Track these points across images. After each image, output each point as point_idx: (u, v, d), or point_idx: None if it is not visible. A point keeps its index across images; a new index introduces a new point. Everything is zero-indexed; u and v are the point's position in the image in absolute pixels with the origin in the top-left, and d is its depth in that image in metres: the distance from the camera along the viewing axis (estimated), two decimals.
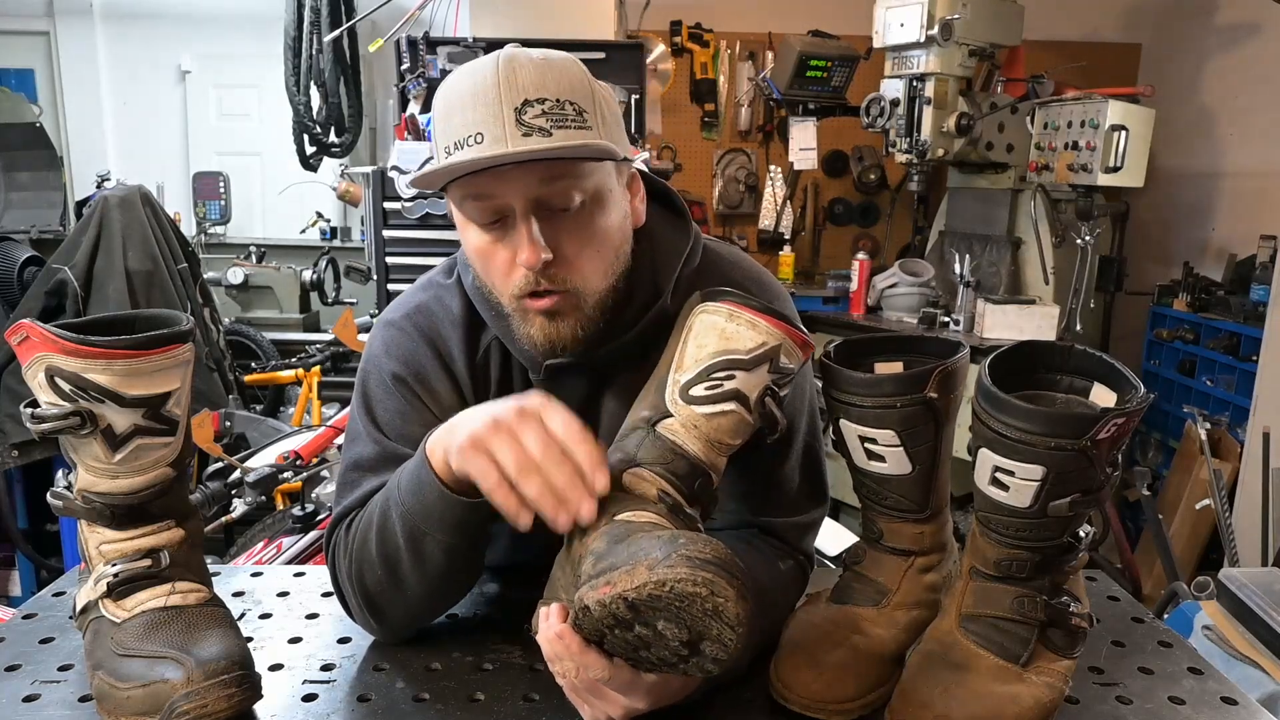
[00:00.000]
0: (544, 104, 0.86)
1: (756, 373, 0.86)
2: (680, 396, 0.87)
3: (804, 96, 3.86)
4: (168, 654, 0.84)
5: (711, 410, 0.86)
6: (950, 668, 0.86)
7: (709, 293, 0.91)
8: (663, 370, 0.90)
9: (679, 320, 0.92)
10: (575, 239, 0.92)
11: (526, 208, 0.89)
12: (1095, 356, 0.88)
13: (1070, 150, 3.25)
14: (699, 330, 0.89)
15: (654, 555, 0.72)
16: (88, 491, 0.89)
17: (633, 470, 0.85)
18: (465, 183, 0.90)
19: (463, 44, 3.32)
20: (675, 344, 0.91)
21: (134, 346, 0.85)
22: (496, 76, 0.86)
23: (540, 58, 0.88)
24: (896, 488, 0.95)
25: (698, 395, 0.86)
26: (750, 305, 0.88)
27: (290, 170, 4.49)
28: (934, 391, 0.89)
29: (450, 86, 0.90)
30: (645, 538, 0.76)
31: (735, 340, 0.87)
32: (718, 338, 0.87)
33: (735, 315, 0.88)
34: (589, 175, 0.91)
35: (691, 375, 0.87)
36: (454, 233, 1.00)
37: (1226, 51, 4.26)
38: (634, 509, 0.82)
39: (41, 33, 5.49)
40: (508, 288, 0.94)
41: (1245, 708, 0.92)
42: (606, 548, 0.78)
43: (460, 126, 0.87)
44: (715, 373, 0.86)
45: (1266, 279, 3.46)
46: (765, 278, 1.12)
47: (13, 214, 3.79)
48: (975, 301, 3.42)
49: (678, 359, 0.89)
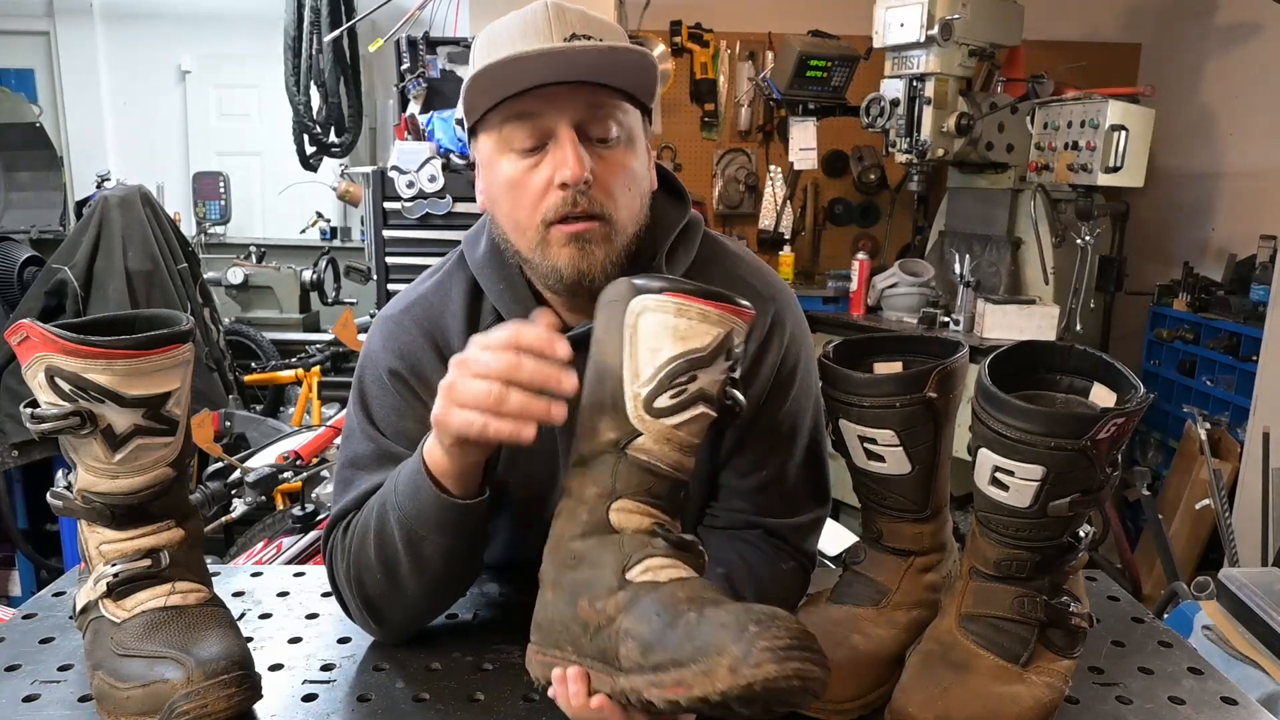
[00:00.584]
0: (588, 39, 0.90)
1: (716, 366, 0.81)
2: (646, 411, 0.80)
3: (804, 96, 3.86)
4: (168, 654, 0.84)
5: (681, 419, 0.80)
6: (950, 668, 0.86)
7: (640, 285, 0.81)
8: (610, 382, 0.81)
9: (607, 315, 0.83)
10: (611, 169, 0.94)
11: (570, 127, 0.91)
12: (1095, 356, 0.88)
13: (1070, 150, 3.24)
14: (648, 332, 0.80)
15: (731, 652, 0.67)
16: (88, 491, 0.89)
17: (618, 505, 0.80)
18: (511, 104, 0.91)
19: (463, 44, 3.32)
20: (618, 348, 0.81)
21: (134, 346, 0.85)
22: (547, 14, 0.91)
23: (589, 12, 0.93)
24: (896, 488, 0.95)
25: (664, 406, 0.79)
26: (695, 293, 0.80)
27: (290, 170, 4.49)
28: (933, 391, 0.89)
29: (493, 28, 0.94)
30: (702, 623, 0.70)
31: (691, 338, 0.80)
32: (671, 338, 0.79)
33: (684, 309, 0.79)
34: (627, 113, 0.95)
35: (653, 385, 0.79)
36: (453, 233, 1.01)
37: (1226, 51, 4.26)
38: (642, 558, 0.77)
39: (41, 33, 5.49)
40: (538, 214, 0.94)
41: (1245, 708, 0.92)
42: (652, 631, 0.71)
43: (506, 56, 0.89)
44: (677, 378, 0.79)
45: (1266, 279, 3.46)
46: (769, 272, 1.12)
47: (13, 214, 3.79)
48: (975, 301, 3.42)
49: (631, 368, 0.80)
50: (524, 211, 0.95)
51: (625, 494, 0.80)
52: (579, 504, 0.82)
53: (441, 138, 3.11)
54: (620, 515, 0.80)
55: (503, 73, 0.89)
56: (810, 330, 1.15)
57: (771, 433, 1.05)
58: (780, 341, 1.06)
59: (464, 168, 3.03)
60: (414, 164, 3.01)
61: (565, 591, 0.80)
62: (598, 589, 0.77)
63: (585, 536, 0.80)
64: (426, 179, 3.01)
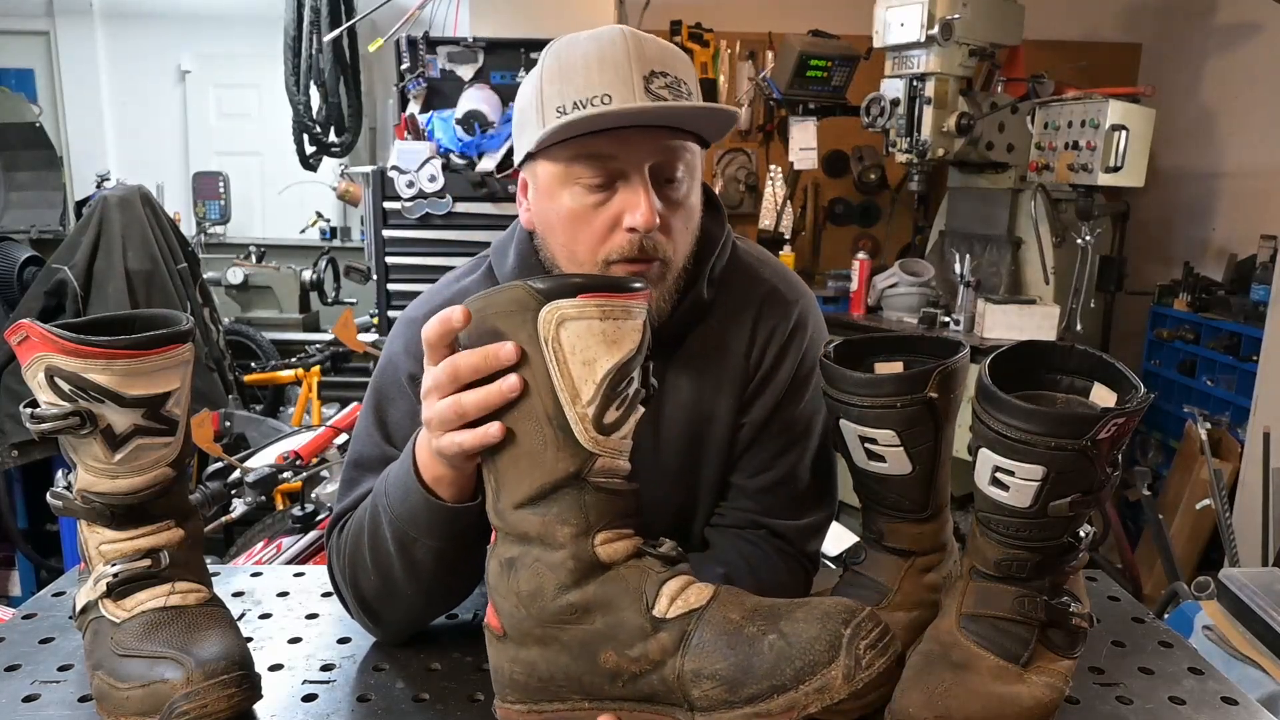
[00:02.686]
0: (667, 78, 0.91)
1: (641, 356, 0.76)
2: (596, 431, 0.73)
3: (804, 96, 3.86)
4: (168, 654, 0.84)
5: (627, 428, 0.76)
6: (950, 668, 0.86)
7: (543, 290, 0.72)
8: (543, 408, 0.73)
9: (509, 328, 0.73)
10: (673, 211, 0.95)
11: (646, 173, 0.92)
12: (1095, 356, 0.88)
13: (1070, 150, 3.24)
14: (575, 343, 0.72)
15: (841, 663, 0.67)
16: (87, 491, 0.89)
17: (600, 539, 0.74)
18: (584, 142, 0.91)
19: (463, 44, 3.32)
20: (541, 369, 0.72)
21: (134, 346, 0.85)
22: (625, 46, 0.91)
23: (659, 40, 0.95)
24: (896, 488, 0.95)
25: (612, 421, 0.73)
26: (611, 288, 0.73)
27: (290, 170, 4.50)
28: (934, 391, 0.89)
29: (568, 48, 0.93)
30: (788, 642, 0.68)
31: (622, 340, 0.73)
32: (603, 345, 0.72)
33: (608, 309, 0.72)
34: (693, 152, 0.96)
35: (598, 403, 0.73)
36: (453, 233, 1.01)
37: (1226, 51, 4.26)
38: (657, 588, 0.73)
39: (41, 33, 5.49)
40: (600, 252, 0.94)
41: (1245, 708, 0.92)
42: (732, 666, 0.69)
43: (584, 87, 0.89)
44: (619, 387, 0.73)
45: (1267, 279, 3.46)
46: (792, 275, 1.13)
47: (13, 214, 3.79)
48: (975, 301, 3.42)
49: (568, 388, 0.72)
50: (583, 247, 0.95)
51: (601, 525, 0.74)
52: (551, 549, 0.74)
53: (441, 137, 3.12)
54: (606, 549, 0.74)
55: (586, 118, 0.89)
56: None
57: (784, 433, 1.06)
58: (800, 344, 1.07)
59: (464, 168, 3.03)
60: (414, 164, 3.01)
61: (569, 647, 0.74)
62: (625, 635, 0.72)
63: (579, 584, 0.74)
64: (426, 179, 3.01)
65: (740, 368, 1.05)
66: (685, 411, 1.05)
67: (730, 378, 1.05)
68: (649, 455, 1.05)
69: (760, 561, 1.03)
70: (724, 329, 1.05)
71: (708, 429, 1.06)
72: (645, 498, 1.06)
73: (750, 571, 1.02)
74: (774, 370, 1.05)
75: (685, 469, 1.07)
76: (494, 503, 0.77)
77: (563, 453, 0.73)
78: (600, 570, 0.74)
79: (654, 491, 1.06)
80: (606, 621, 0.73)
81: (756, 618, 0.71)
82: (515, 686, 0.76)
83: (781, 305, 1.07)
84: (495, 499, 0.77)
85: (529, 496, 0.74)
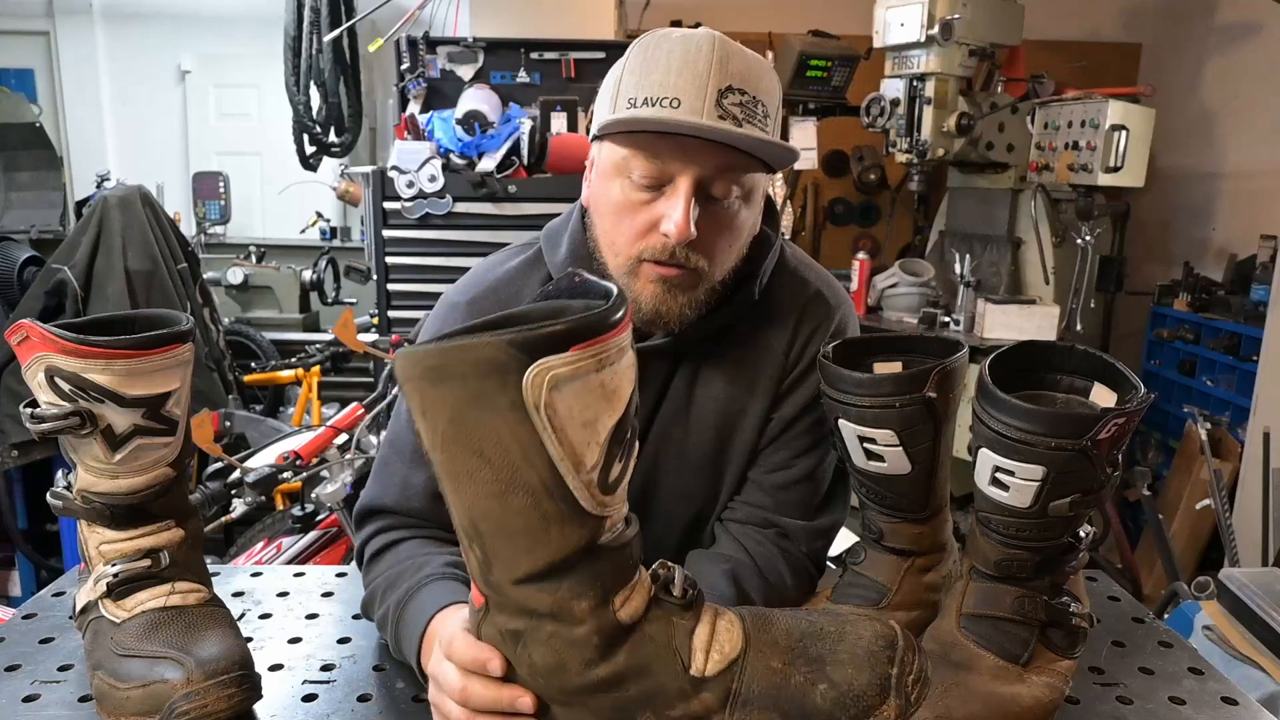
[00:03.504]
0: (743, 95, 0.89)
1: (637, 391, 0.67)
2: (604, 494, 0.64)
3: (804, 96, 3.85)
4: (168, 654, 0.84)
5: (629, 474, 0.68)
6: (950, 668, 0.86)
7: (523, 344, 0.58)
8: (540, 484, 0.62)
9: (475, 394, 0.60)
10: (716, 228, 0.95)
11: (691, 184, 0.91)
12: (1095, 356, 0.88)
13: (1070, 150, 3.24)
14: (572, 406, 0.60)
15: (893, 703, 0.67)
16: (88, 491, 0.89)
17: (619, 601, 0.68)
18: (643, 139, 0.91)
19: (463, 44, 3.32)
20: (534, 442, 0.61)
21: (134, 346, 0.85)
22: (711, 54, 0.89)
23: (750, 54, 0.92)
24: (896, 487, 0.95)
25: (616, 477, 0.65)
26: (602, 327, 0.61)
27: (290, 170, 4.48)
28: (933, 391, 0.89)
29: (656, 43, 0.92)
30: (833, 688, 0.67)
31: (621, 387, 0.63)
32: (602, 401, 0.62)
33: (604, 355, 0.61)
34: (751, 175, 0.95)
35: (602, 465, 0.63)
36: (453, 233, 1.01)
37: (1226, 51, 4.26)
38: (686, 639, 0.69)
39: (41, 33, 5.49)
40: (635, 248, 0.95)
41: (1245, 708, 0.92)
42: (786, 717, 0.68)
43: (659, 85, 0.89)
44: (621, 441, 0.64)
45: (1267, 279, 3.46)
46: (834, 281, 1.14)
47: (13, 214, 3.80)
48: (975, 301, 3.42)
49: (567, 457, 0.61)
50: (622, 239, 0.96)
51: (617, 586, 0.67)
52: (568, 625, 0.67)
53: (441, 137, 3.11)
54: (626, 611, 0.68)
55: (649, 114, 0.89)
56: None
57: (809, 433, 1.07)
58: None
59: (464, 168, 3.03)
60: (414, 164, 3.01)
61: (601, 713, 0.69)
62: (664, 700, 0.68)
63: (606, 657, 0.67)
64: (426, 179, 3.01)
65: (778, 364, 1.07)
66: (718, 404, 1.06)
67: (767, 373, 1.07)
68: (678, 445, 1.07)
69: (766, 560, 1.03)
70: (766, 326, 1.07)
71: (739, 421, 1.07)
72: (672, 490, 1.08)
73: (755, 569, 1.02)
74: (810, 369, 1.06)
75: (712, 460, 1.08)
76: (483, 574, 0.68)
77: (569, 526, 0.64)
78: (625, 635, 0.68)
79: (680, 483, 1.08)
80: (642, 688, 0.68)
81: (799, 662, 0.68)
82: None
83: (824, 308, 1.09)
84: (485, 570, 0.68)
85: (531, 574, 0.66)
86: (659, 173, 0.92)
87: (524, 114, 3.20)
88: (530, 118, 3.16)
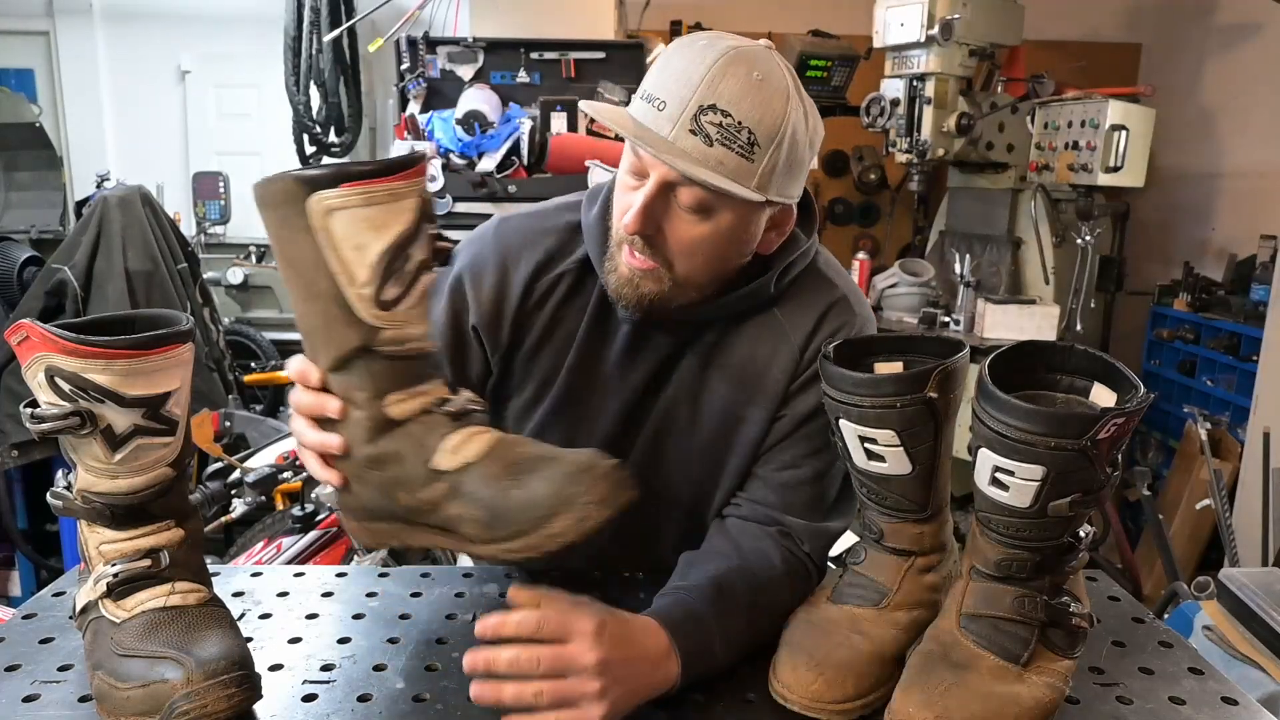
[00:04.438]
0: (726, 118, 0.90)
1: (423, 231, 0.82)
2: (378, 308, 0.80)
3: None
4: (168, 654, 0.84)
5: (412, 299, 0.82)
6: (950, 668, 0.86)
7: (309, 179, 0.77)
8: (326, 292, 0.80)
9: (280, 218, 0.80)
10: (678, 231, 0.97)
11: (657, 184, 0.94)
12: (1095, 356, 0.88)
13: (1070, 150, 3.25)
14: (344, 231, 0.78)
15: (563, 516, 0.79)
16: (88, 491, 0.89)
17: (391, 400, 0.83)
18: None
19: (463, 44, 3.32)
20: (317, 257, 0.79)
21: (134, 346, 0.85)
22: (710, 69, 0.91)
23: (759, 77, 0.92)
24: (897, 488, 0.95)
25: (392, 297, 0.80)
26: (374, 173, 0.78)
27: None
28: (934, 391, 0.89)
29: (689, 44, 0.95)
30: (530, 493, 0.81)
31: (392, 222, 0.78)
32: (371, 230, 0.78)
33: (373, 195, 0.77)
34: (717, 196, 0.95)
35: (375, 284, 0.79)
36: (452, 233, 1.04)
37: (1226, 51, 4.26)
38: (438, 441, 0.84)
39: (41, 33, 5.49)
40: (618, 225, 1.00)
41: (1245, 708, 0.92)
42: (487, 513, 0.81)
43: (658, 83, 0.93)
44: (394, 264, 0.79)
45: (1266, 279, 3.46)
46: (858, 290, 1.16)
47: (13, 214, 3.80)
48: (975, 301, 3.42)
49: (344, 273, 0.79)
50: (615, 215, 1.02)
51: (391, 388, 0.83)
52: (353, 408, 0.85)
53: (441, 137, 3.11)
54: (397, 408, 0.84)
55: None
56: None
57: (821, 434, 1.07)
58: None
59: (464, 168, 3.03)
60: None
61: (375, 487, 0.86)
62: (411, 482, 0.84)
63: (373, 440, 0.84)
64: (426, 179, 3.01)
65: (793, 358, 1.08)
66: (729, 390, 1.08)
67: (781, 365, 1.08)
68: (685, 426, 1.10)
69: (762, 560, 1.02)
70: (787, 319, 1.09)
71: (747, 411, 1.08)
72: (674, 470, 1.12)
73: (745, 574, 1.01)
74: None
75: (716, 446, 1.10)
76: (314, 362, 0.86)
77: (349, 329, 0.81)
78: (390, 427, 0.84)
79: (684, 465, 1.11)
80: (396, 471, 0.84)
81: (515, 471, 0.82)
82: (352, 511, 0.90)
83: (848, 312, 1.11)
84: (313, 359, 0.86)
85: (330, 365, 0.84)
86: (640, 165, 0.96)
87: (524, 114, 3.20)
88: (530, 118, 3.16)
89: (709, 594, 0.96)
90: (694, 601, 0.95)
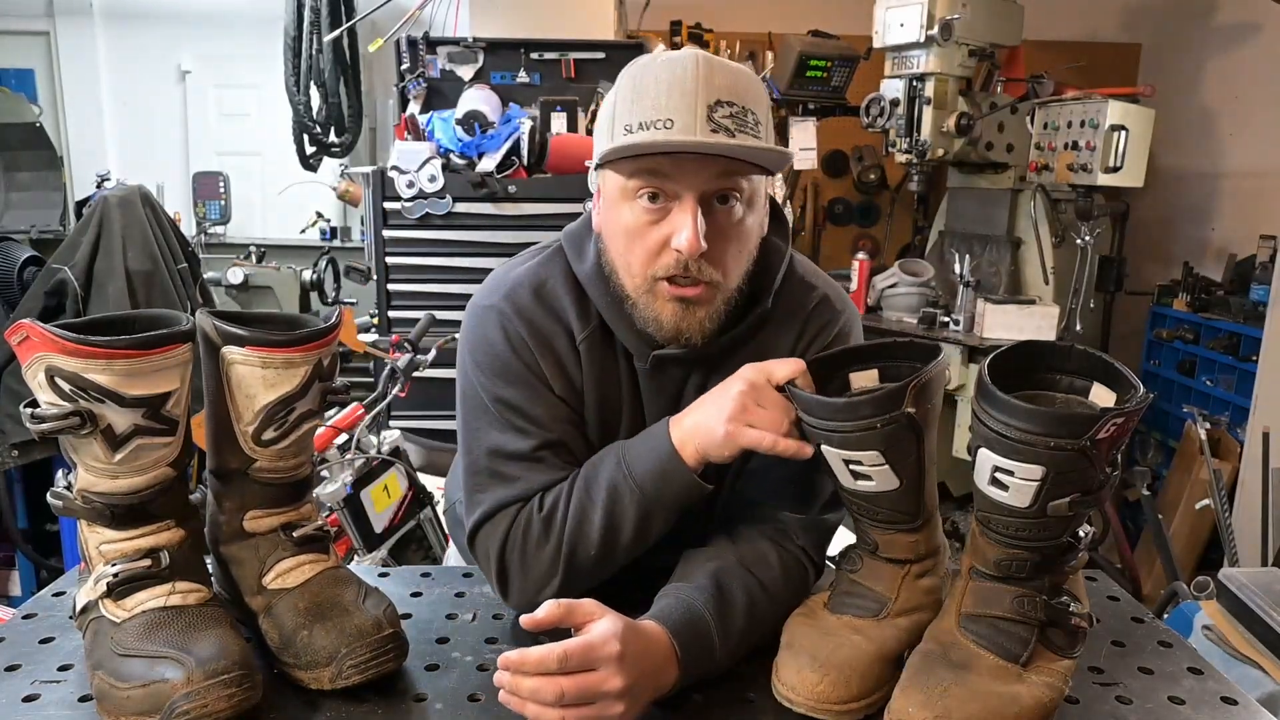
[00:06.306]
0: (732, 107, 0.93)
1: (312, 391, 0.95)
2: (256, 444, 0.96)
3: (804, 96, 3.85)
4: (168, 654, 0.84)
5: (288, 442, 0.96)
6: (950, 668, 0.86)
7: (225, 332, 0.93)
8: (222, 418, 0.96)
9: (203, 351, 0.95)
10: (725, 236, 0.98)
11: (695, 199, 0.95)
12: (1095, 356, 0.88)
13: (1070, 150, 3.24)
14: (241, 381, 0.94)
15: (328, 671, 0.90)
16: (88, 491, 0.89)
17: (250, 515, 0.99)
18: (644, 162, 0.95)
19: (463, 44, 3.32)
20: (220, 390, 0.95)
21: (134, 346, 0.85)
22: (696, 72, 0.93)
23: (733, 66, 0.96)
24: (886, 503, 0.95)
25: (270, 438, 0.95)
26: (278, 344, 0.92)
27: (290, 170, 4.49)
28: (911, 406, 0.89)
29: (643, 70, 0.96)
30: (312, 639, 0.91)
31: (280, 384, 0.93)
32: (262, 387, 0.93)
33: (269, 361, 0.92)
34: (751, 181, 0.98)
35: (256, 425, 0.94)
36: (453, 233, 1.03)
37: (1226, 51, 4.26)
38: (274, 563, 0.98)
39: (41, 33, 5.48)
40: (650, 268, 0.98)
41: (1245, 708, 0.92)
42: (282, 638, 0.93)
43: (651, 109, 0.93)
44: (276, 415, 0.94)
45: (1266, 279, 3.46)
46: (840, 289, 1.17)
47: (13, 214, 3.79)
48: (975, 301, 3.41)
49: (234, 409, 0.95)
50: (636, 261, 0.99)
51: (254, 506, 0.99)
52: (223, 514, 1.00)
53: (441, 138, 3.11)
54: (252, 523, 0.99)
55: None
56: None
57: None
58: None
59: (464, 168, 3.03)
60: (414, 164, 3.01)
61: (226, 581, 1.01)
62: (246, 587, 0.98)
63: (230, 542, 0.99)
64: (426, 179, 3.01)
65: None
66: None
67: None
68: None
69: (758, 557, 1.03)
70: (775, 331, 1.10)
71: None
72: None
73: (743, 571, 1.01)
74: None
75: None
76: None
77: (232, 453, 0.97)
78: (245, 537, 0.99)
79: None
80: (239, 573, 0.99)
81: (314, 614, 0.93)
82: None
83: (830, 312, 1.13)
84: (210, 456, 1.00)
85: (213, 469, 1.00)
86: (663, 191, 0.96)
87: (524, 114, 3.20)
88: (530, 118, 3.16)
89: (709, 594, 0.96)
90: (694, 602, 0.95)
